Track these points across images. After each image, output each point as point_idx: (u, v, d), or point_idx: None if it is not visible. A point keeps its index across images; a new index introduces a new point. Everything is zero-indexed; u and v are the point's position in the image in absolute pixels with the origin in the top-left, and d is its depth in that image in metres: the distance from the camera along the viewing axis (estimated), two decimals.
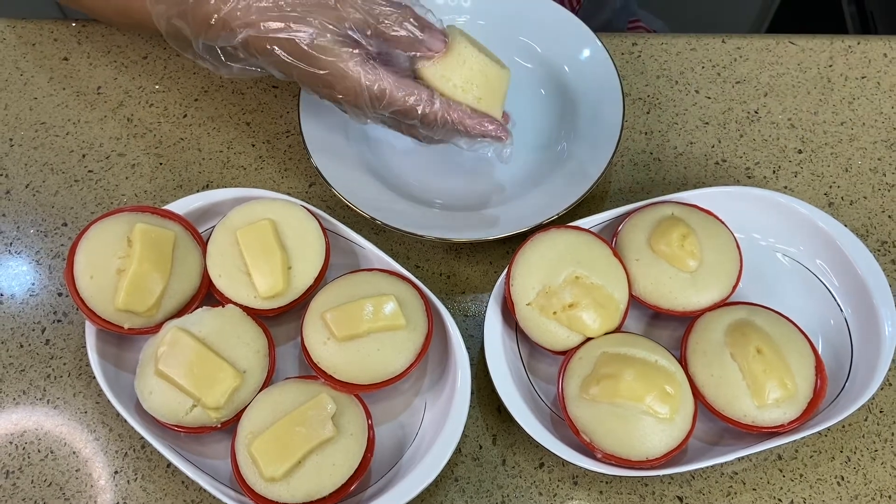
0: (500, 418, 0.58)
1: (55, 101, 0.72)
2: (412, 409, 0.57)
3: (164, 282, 0.56)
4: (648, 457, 0.52)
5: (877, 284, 0.58)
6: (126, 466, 0.57)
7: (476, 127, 0.57)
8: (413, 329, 0.55)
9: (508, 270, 0.58)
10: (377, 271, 0.58)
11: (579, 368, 0.55)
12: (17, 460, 0.57)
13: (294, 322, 0.60)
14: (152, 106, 0.72)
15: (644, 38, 0.76)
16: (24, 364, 0.60)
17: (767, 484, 0.56)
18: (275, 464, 0.50)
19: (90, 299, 0.55)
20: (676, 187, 0.68)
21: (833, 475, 0.56)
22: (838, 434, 0.58)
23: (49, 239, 0.66)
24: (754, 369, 0.53)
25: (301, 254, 0.58)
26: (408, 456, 0.55)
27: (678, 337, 0.59)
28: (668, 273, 0.58)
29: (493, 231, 0.61)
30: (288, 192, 0.67)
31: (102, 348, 0.57)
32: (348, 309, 0.54)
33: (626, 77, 0.73)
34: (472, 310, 0.63)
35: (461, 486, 0.56)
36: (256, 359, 0.55)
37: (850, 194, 0.68)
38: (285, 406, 0.53)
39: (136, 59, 0.74)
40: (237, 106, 0.72)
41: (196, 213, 0.61)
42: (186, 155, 0.69)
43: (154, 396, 0.53)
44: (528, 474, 0.56)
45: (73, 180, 0.68)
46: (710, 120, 0.72)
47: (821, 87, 0.73)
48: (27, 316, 0.62)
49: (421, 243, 0.65)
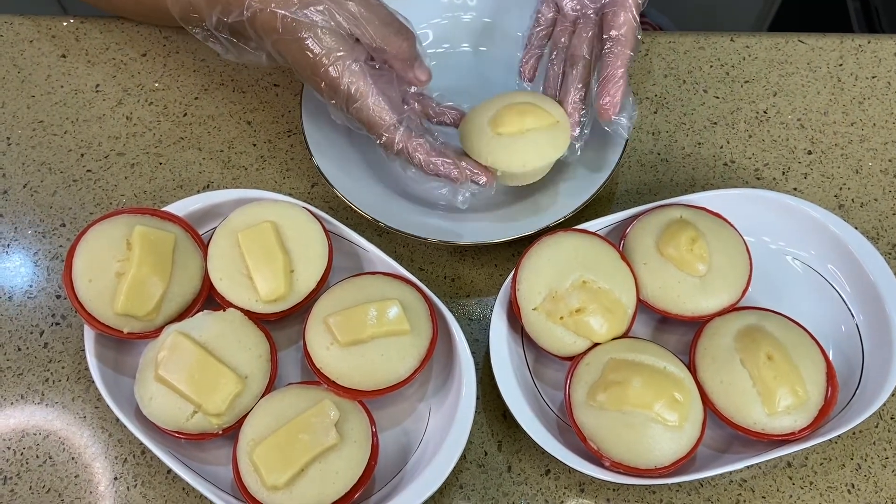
0: (506, 424, 0.57)
1: (53, 100, 0.71)
2: (416, 415, 0.57)
3: (164, 285, 0.55)
4: (657, 465, 0.51)
5: (888, 289, 0.57)
6: (126, 472, 0.56)
7: (429, 164, 0.58)
8: (417, 334, 0.54)
9: (514, 274, 0.57)
10: (381, 275, 0.57)
11: (586, 374, 0.54)
12: (16, 466, 0.56)
13: (296, 326, 0.59)
14: (152, 104, 0.71)
15: (651, 37, 0.75)
16: (22, 368, 0.59)
17: (777, 492, 0.55)
18: (277, 472, 0.50)
19: (89, 303, 0.54)
20: (684, 189, 0.67)
21: (843, 483, 0.56)
22: (849, 441, 0.57)
23: (47, 240, 0.65)
24: (765, 376, 0.52)
25: (303, 256, 0.57)
26: (412, 463, 0.55)
27: (687, 342, 0.58)
28: (677, 277, 0.57)
29: (499, 234, 0.60)
30: (290, 192, 0.66)
31: (101, 352, 0.56)
32: (352, 313, 0.54)
33: (632, 76, 0.72)
34: (477, 313, 0.62)
35: (466, 493, 0.55)
36: (258, 364, 0.54)
37: (861, 196, 0.67)
38: (287, 412, 0.52)
39: (134, 57, 0.73)
40: (238, 104, 0.71)
41: (196, 215, 0.60)
42: (186, 154, 0.68)
43: (154, 402, 0.52)
44: (533, 481, 0.56)
45: (72, 180, 0.67)
46: (719, 120, 0.71)
47: (830, 87, 0.72)
48: (25, 318, 0.61)
49: (425, 246, 0.64)
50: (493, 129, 0.59)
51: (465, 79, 0.71)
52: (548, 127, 0.59)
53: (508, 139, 0.59)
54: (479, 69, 0.71)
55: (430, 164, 0.58)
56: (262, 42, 0.58)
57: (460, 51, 0.72)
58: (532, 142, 0.59)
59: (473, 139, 0.60)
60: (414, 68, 0.59)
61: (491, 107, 0.62)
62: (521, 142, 0.59)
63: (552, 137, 0.60)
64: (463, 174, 0.58)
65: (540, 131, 0.59)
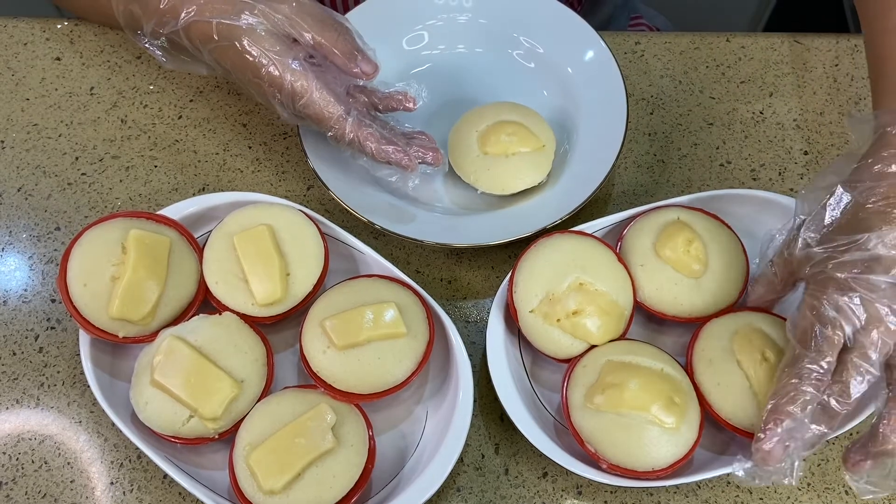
0: (503, 427, 0.57)
1: (47, 102, 0.70)
2: (413, 418, 0.56)
3: (160, 289, 0.55)
4: (654, 467, 0.51)
5: None
6: (122, 477, 0.56)
7: (381, 152, 0.58)
8: (414, 337, 0.54)
9: (511, 277, 0.56)
10: (377, 277, 0.57)
11: (583, 377, 0.54)
12: (11, 471, 0.56)
13: (293, 330, 0.58)
14: (147, 107, 0.70)
15: (647, 37, 0.75)
16: (17, 372, 0.59)
17: (774, 493, 0.55)
18: (274, 476, 0.49)
19: (84, 307, 0.54)
20: (681, 190, 0.67)
21: (841, 484, 0.55)
22: (846, 442, 0.57)
23: (42, 244, 0.64)
24: (761, 377, 0.52)
25: (299, 260, 0.57)
26: (409, 466, 0.54)
27: (684, 343, 0.58)
28: (674, 279, 0.57)
29: (495, 235, 0.60)
30: (285, 195, 0.66)
31: (97, 357, 0.55)
32: (348, 316, 0.53)
33: (628, 77, 0.72)
34: (473, 316, 0.62)
35: (463, 496, 0.55)
36: (254, 368, 0.54)
37: None
38: (284, 416, 0.52)
39: (129, 59, 0.73)
40: (233, 107, 0.71)
41: (192, 218, 0.60)
42: (182, 157, 0.68)
43: (150, 407, 0.52)
44: (531, 484, 0.56)
45: (66, 183, 0.67)
46: (715, 121, 0.71)
47: (826, 88, 0.72)
48: (20, 323, 0.61)
49: (421, 248, 0.64)
50: (481, 148, 0.62)
51: (460, 81, 0.71)
52: (533, 151, 0.62)
53: (493, 160, 0.62)
54: (475, 71, 0.71)
55: (381, 152, 0.58)
56: (200, 52, 0.58)
57: (456, 52, 0.72)
58: (515, 167, 0.62)
59: (461, 154, 0.63)
60: (358, 62, 0.58)
61: (482, 119, 0.64)
62: (505, 165, 0.62)
63: (536, 164, 0.62)
64: (413, 162, 0.59)
65: (525, 155, 0.62)
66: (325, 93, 0.57)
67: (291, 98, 0.57)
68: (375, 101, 0.62)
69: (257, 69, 0.56)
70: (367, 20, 0.68)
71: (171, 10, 0.57)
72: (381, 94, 0.62)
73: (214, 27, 0.56)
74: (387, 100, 0.62)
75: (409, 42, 0.72)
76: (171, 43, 0.60)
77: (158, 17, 0.58)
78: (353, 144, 0.58)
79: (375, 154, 0.58)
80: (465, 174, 0.63)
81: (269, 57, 0.56)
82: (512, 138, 0.62)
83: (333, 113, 0.57)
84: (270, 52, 0.56)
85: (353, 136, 0.58)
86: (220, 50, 0.57)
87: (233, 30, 0.56)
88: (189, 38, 0.58)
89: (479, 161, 0.62)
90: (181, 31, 0.58)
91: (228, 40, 0.56)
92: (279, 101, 0.58)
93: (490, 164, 0.62)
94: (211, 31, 0.56)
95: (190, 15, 0.56)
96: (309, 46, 0.57)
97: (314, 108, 0.57)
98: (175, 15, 0.57)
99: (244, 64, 0.56)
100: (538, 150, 0.63)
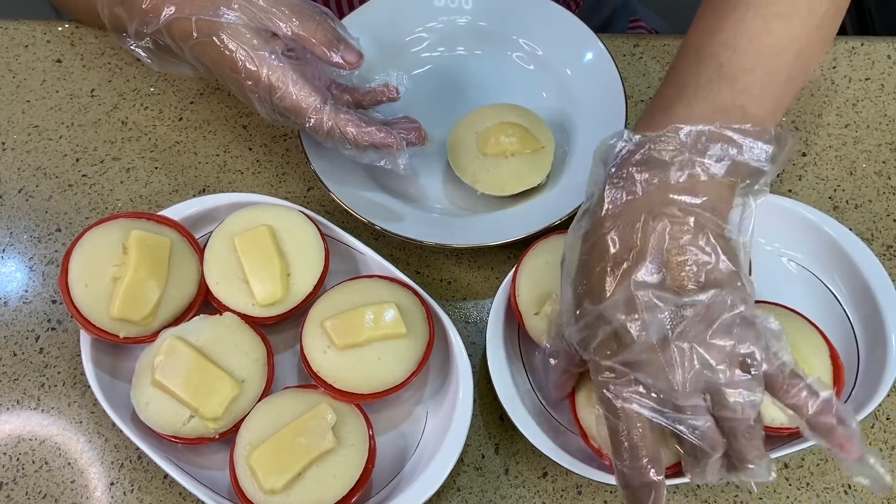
0: (503, 427, 0.57)
1: (48, 104, 0.71)
2: (414, 418, 0.57)
3: (161, 290, 0.55)
4: None
5: (883, 290, 0.57)
6: (122, 478, 0.56)
7: (363, 134, 0.57)
8: (414, 337, 0.54)
9: (513, 280, 0.57)
10: (377, 278, 0.57)
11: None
12: (11, 472, 0.56)
13: (293, 330, 0.59)
14: (147, 109, 0.71)
15: (646, 40, 0.75)
16: (17, 373, 0.59)
17: (774, 493, 0.55)
18: (274, 476, 0.50)
19: (85, 308, 0.54)
20: None
21: (840, 483, 0.56)
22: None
23: (43, 245, 0.64)
24: None
25: (300, 260, 0.57)
26: (409, 466, 0.55)
27: None
28: None
29: (495, 236, 0.60)
30: (286, 196, 0.66)
31: (98, 357, 0.56)
32: (348, 317, 0.54)
33: (627, 79, 0.72)
34: (473, 316, 0.62)
35: (463, 496, 0.55)
36: (255, 368, 0.54)
37: (855, 198, 0.67)
38: (284, 416, 0.52)
39: (130, 61, 0.73)
40: (234, 109, 0.71)
41: (192, 219, 0.60)
42: (182, 159, 0.68)
43: (151, 407, 0.52)
44: (531, 484, 0.56)
45: (67, 185, 0.67)
46: None
47: (824, 89, 0.73)
48: (21, 324, 0.61)
49: (421, 249, 0.65)
50: (480, 149, 0.63)
51: (460, 83, 0.71)
52: (532, 153, 0.63)
53: (492, 161, 0.62)
54: (475, 73, 0.71)
55: (363, 134, 0.57)
56: (182, 51, 0.58)
57: (456, 54, 0.72)
58: (514, 168, 0.62)
59: (460, 156, 0.63)
60: (340, 51, 0.57)
61: (481, 121, 0.64)
62: (504, 166, 0.62)
63: (535, 165, 0.63)
64: (397, 139, 0.58)
65: (525, 157, 0.62)
66: (301, 84, 0.56)
67: (268, 92, 0.56)
68: (359, 98, 0.62)
69: (235, 64, 0.56)
70: (368, 22, 0.69)
71: (153, 10, 0.57)
72: (362, 90, 0.62)
73: (194, 23, 0.56)
74: (369, 94, 0.62)
75: (410, 44, 0.72)
76: (155, 44, 0.60)
77: (141, 17, 0.58)
78: (332, 133, 0.57)
79: (357, 138, 0.57)
80: (465, 175, 0.63)
81: (246, 51, 0.56)
82: (511, 140, 0.62)
83: (311, 104, 0.57)
84: (248, 46, 0.56)
85: (331, 123, 0.57)
86: (199, 46, 0.57)
87: (211, 25, 0.56)
88: (171, 37, 0.58)
89: (478, 162, 0.63)
90: (163, 30, 0.57)
91: (207, 36, 0.56)
92: (258, 96, 0.57)
93: (489, 165, 0.62)
94: (191, 27, 0.56)
95: (171, 12, 0.56)
96: (288, 39, 0.57)
97: (290, 101, 0.57)
98: (157, 13, 0.57)
99: (223, 59, 0.56)
100: (537, 152, 0.63)
